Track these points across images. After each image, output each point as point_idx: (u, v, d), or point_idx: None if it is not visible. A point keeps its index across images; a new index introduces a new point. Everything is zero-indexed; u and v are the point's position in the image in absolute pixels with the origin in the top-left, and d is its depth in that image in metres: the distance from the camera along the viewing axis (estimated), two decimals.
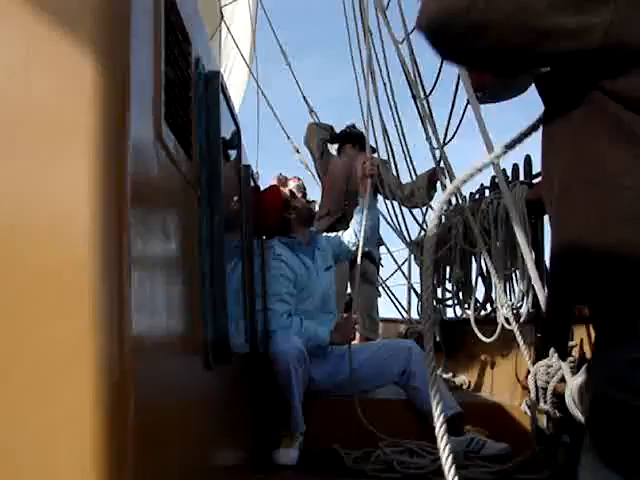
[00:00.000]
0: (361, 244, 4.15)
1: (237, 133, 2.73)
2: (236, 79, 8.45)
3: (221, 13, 7.97)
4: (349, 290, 6.20)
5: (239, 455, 2.95)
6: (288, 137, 8.14)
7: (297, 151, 8.04)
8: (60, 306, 1.24)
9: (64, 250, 1.27)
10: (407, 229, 5.86)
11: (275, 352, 3.47)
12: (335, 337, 3.80)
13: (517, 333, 3.73)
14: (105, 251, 1.27)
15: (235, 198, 2.72)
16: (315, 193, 6.65)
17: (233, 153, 2.70)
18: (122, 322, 1.27)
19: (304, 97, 8.04)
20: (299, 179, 6.63)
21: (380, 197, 5.84)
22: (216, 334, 2.05)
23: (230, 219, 2.53)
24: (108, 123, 1.32)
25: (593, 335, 3.16)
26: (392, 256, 6.48)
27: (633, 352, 1.12)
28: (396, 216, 5.84)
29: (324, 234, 4.56)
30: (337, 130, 6.42)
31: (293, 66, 8.14)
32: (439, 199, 5.64)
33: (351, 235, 4.32)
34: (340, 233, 4.49)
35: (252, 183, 3.30)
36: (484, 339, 4.48)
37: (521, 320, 3.74)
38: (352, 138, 6.15)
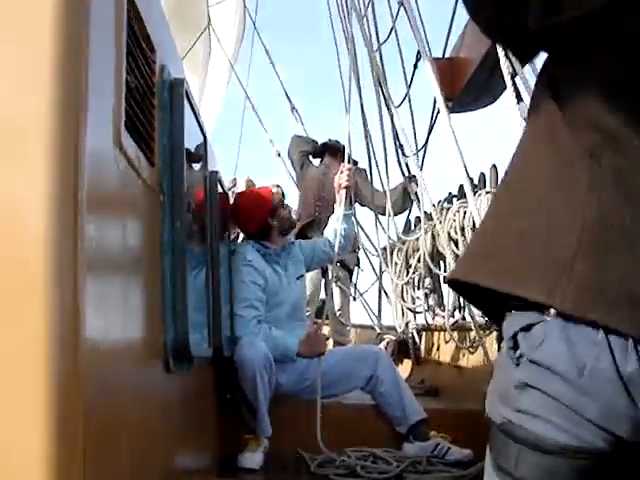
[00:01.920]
0: (335, 256, 4.21)
1: (203, 138, 2.75)
2: (218, 76, 8.49)
3: (208, 16, 7.99)
4: (322, 295, 6.26)
5: (202, 459, 2.97)
6: (272, 142, 8.17)
7: (278, 155, 8.09)
8: (11, 308, 1.25)
9: (17, 254, 1.28)
10: (377, 237, 5.94)
11: (241, 357, 3.49)
12: (303, 350, 3.80)
13: (485, 340, 3.79)
14: (58, 255, 1.28)
15: (201, 204, 2.74)
16: (294, 200, 6.75)
17: (199, 158, 2.72)
18: (74, 325, 1.28)
19: (287, 95, 8.13)
20: (278, 187, 6.68)
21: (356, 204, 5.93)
22: (176, 338, 2.07)
23: (195, 224, 2.55)
24: (64, 129, 1.33)
25: None
26: (372, 265, 6.54)
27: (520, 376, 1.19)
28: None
29: (296, 241, 4.60)
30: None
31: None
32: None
33: (325, 243, 4.35)
34: (313, 240, 4.53)
35: (220, 189, 3.32)
36: (459, 344, 4.54)
37: (492, 328, 3.80)
38: (330, 148, 6.28)
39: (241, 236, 4.54)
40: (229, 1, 8.10)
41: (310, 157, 6.53)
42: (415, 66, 5.09)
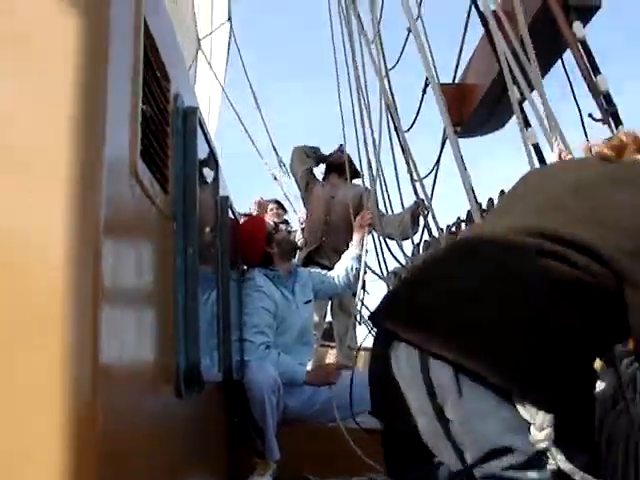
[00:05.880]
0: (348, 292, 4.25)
1: (215, 165, 2.78)
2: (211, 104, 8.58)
3: (198, 42, 8.07)
4: (328, 318, 6.23)
5: None
6: (265, 162, 8.18)
7: (275, 178, 8.06)
8: (30, 334, 1.28)
9: (36, 280, 1.31)
10: (385, 260, 5.90)
11: (249, 381, 3.50)
12: (311, 379, 3.85)
13: None
14: (77, 281, 1.31)
15: (212, 229, 2.76)
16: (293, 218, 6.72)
17: (211, 185, 2.75)
18: (92, 351, 1.30)
19: (273, 147, 8.13)
20: (278, 203, 6.58)
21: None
22: (188, 363, 2.09)
23: (207, 250, 2.57)
24: (83, 159, 1.36)
25: None
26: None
27: None
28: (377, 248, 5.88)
29: (306, 269, 4.64)
30: (323, 151, 6.39)
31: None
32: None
33: (336, 279, 4.43)
34: (324, 273, 4.54)
35: (231, 213, 3.35)
36: None
37: None
38: (338, 168, 6.08)
39: None
40: (218, 32, 8.22)
41: (314, 169, 6.27)
42: (424, 91, 5.12)
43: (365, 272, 6.25)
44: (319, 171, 6.34)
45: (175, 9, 7.01)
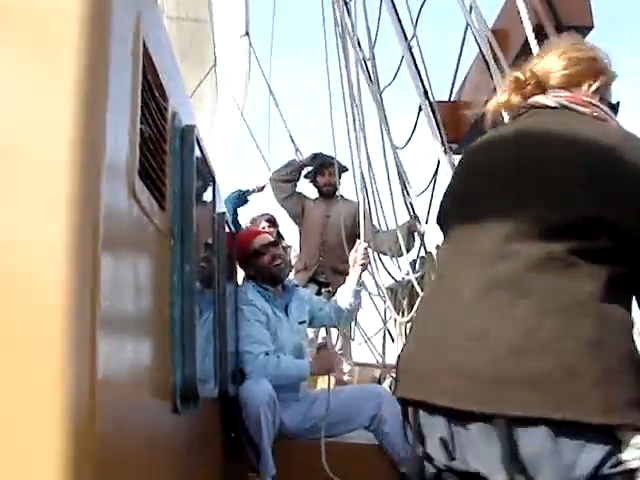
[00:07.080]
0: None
1: (212, 182, 2.81)
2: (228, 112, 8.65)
3: (215, 57, 8.11)
4: (323, 334, 6.26)
5: None
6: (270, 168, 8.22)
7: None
8: (27, 349, 1.29)
9: (35, 295, 1.32)
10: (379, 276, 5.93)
11: (245, 396, 3.51)
12: (315, 367, 3.89)
13: None
14: (75, 297, 1.32)
15: (209, 246, 2.79)
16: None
17: (208, 201, 2.78)
18: (90, 366, 1.32)
19: (291, 137, 8.22)
20: (269, 221, 6.49)
21: None
22: (184, 379, 2.11)
23: (203, 266, 2.60)
24: (82, 178, 1.38)
25: None
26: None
27: None
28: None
29: (307, 290, 4.68)
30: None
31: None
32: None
33: (332, 312, 4.44)
34: (324, 302, 4.56)
35: (227, 229, 3.38)
36: None
37: None
38: (325, 194, 6.15)
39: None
40: (237, 43, 8.24)
41: (297, 184, 6.30)
42: (420, 108, 5.15)
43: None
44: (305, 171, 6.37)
45: (196, 27, 7.08)
